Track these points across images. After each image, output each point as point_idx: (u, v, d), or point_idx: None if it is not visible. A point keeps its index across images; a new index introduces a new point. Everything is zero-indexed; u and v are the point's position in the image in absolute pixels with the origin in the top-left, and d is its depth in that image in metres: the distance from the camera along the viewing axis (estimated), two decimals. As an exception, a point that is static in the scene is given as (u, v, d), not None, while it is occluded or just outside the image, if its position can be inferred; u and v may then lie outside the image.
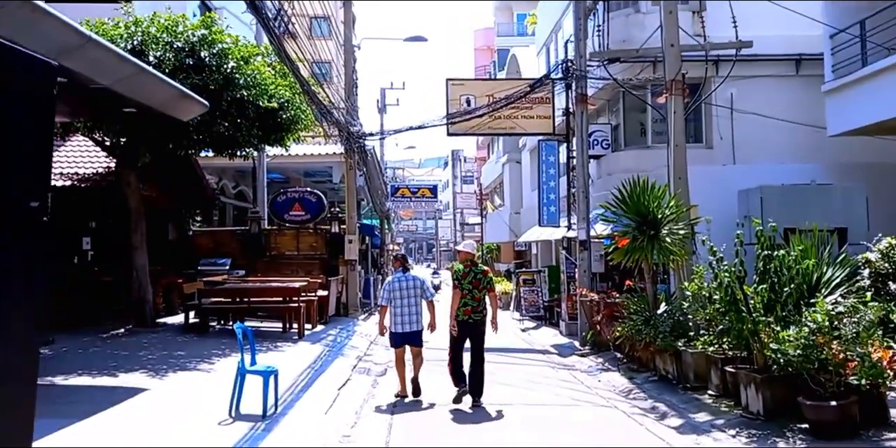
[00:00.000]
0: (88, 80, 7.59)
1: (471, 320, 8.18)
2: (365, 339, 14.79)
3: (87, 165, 14.99)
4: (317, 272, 18.69)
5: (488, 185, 42.90)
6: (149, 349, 11.12)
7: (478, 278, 8.26)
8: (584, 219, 14.14)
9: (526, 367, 11.44)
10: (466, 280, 8.21)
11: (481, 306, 8.25)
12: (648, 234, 9.78)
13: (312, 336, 13.66)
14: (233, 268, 18.87)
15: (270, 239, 19.48)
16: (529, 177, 27.09)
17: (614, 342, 11.71)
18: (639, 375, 10.02)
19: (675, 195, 10.10)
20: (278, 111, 13.51)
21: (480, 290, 8.23)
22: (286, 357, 10.91)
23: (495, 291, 8.65)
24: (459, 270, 8.37)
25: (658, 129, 15.75)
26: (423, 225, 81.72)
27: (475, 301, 8.19)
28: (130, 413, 7.09)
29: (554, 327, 17.95)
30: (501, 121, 16.69)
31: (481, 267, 8.57)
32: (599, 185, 15.91)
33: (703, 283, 8.06)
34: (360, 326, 16.89)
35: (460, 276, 8.28)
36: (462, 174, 65.57)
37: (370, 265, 27.86)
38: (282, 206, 19.58)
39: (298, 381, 9.05)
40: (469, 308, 8.17)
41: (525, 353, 13.42)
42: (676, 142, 10.54)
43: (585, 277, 14.13)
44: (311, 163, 23.62)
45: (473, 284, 8.20)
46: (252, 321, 15.08)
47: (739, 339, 7.29)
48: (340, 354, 12.00)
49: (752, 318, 6.98)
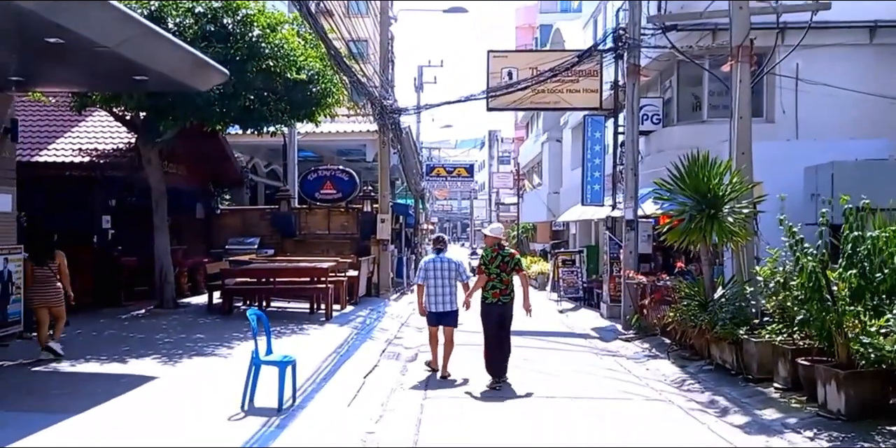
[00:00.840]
0: (89, 41, 6.90)
1: (500, 302, 8.17)
2: (395, 321, 14.10)
3: (107, 141, 14.41)
4: (348, 252, 18.09)
5: (526, 164, 41.86)
6: (167, 332, 10.55)
7: (505, 261, 8.21)
8: (633, 197, 13.18)
9: (567, 354, 10.62)
10: (494, 264, 8.17)
11: (510, 289, 8.23)
12: (708, 214, 8.82)
13: (341, 318, 13.00)
14: (261, 247, 18.34)
15: (300, 218, 18.89)
16: (570, 155, 26.07)
17: (663, 327, 10.83)
18: (691, 364, 9.14)
19: (737, 171, 9.11)
20: (307, 84, 12.74)
21: (508, 273, 8.20)
22: (310, 341, 10.26)
23: (524, 271, 8.58)
24: (487, 255, 8.30)
25: (715, 102, 14.65)
26: (457, 205, 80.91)
27: (503, 284, 8.17)
28: (132, 407, 6.44)
29: (593, 309, 17.08)
30: (545, 95, 15.70)
31: (508, 250, 8.54)
32: (649, 162, 14.89)
33: (776, 267, 7.12)
34: (391, 307, 16.21)
35: (487, 261, 8.23)
36: (499, 155, 64.75)
37: (403, 244, 27.21)
38: (312, 185, 18.94)
39: (321, 368, 8.35)
40: (497, 291, 8.15)
41: (565, 337, 12.58)
42: (741, 114, 9.52)
43: (631, 259, 13.20)
44: (344, 140, 22.91)
45: (501, 267, 8.16)
46: (279, 302, 14.53)
47: (822, 329, 6.35)
48: (369, 338, 11.31)
49: (838, 307, 6.05)
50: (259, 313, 6.76)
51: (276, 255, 17.51)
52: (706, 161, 9.16)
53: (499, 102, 15.87)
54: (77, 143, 14.17)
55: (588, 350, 11.06)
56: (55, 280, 8.54)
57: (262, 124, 13.02)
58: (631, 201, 13.22)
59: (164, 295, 13.05)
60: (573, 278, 18.51)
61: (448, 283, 8.48)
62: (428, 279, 8.48)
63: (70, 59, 7.81)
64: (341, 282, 14.19)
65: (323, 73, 13.09)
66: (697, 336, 8.96)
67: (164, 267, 13.06)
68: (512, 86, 15.18)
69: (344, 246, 18.65)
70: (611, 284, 14.82)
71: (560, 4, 44.87)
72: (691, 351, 9.47)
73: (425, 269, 8.59)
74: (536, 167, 38.16)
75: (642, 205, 13.46)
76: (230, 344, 9.63)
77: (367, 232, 18.43)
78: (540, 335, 12.65)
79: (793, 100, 13.57)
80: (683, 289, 9.65)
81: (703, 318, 8.64)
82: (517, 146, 52.37)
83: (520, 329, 13.64)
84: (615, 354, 10.55)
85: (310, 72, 12.75)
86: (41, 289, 8.49)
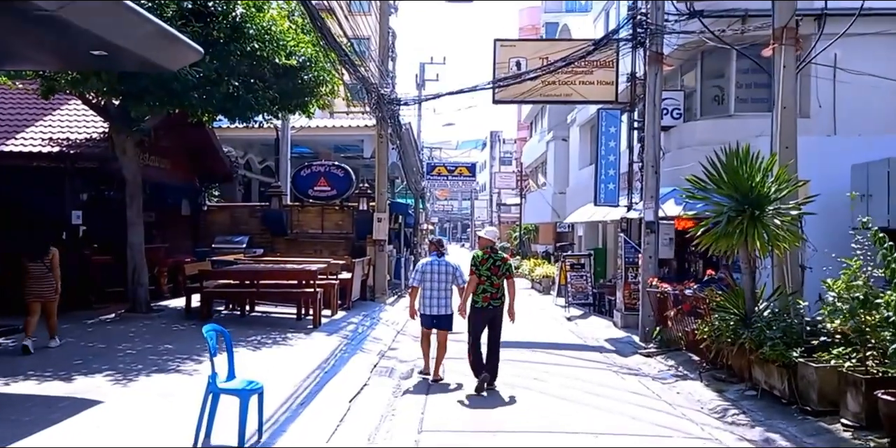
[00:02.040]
0: (24, 2, 5.72)
1: (490, 307, 8.04)
2: (390, 329, 12.93)
3: (80, 130, 13.23)
4: (342, 252, 16.97)
5: (529, 164, 40.67)
6: (132, 341, 9.38)
7: (496, 265, 8.09)
8: (653, 197, 12.00)
9: (583, 372, 9.43)
10: (485, 267, 8.06)
11: (500, 293, 8.09)
12: (750, 215, 7.65)
13: (330, 325, 11.83)
14: (250, 246, 17.21)
15: (292, 216, 17.74)
16: (578, 154, 24.90)
17: (690, 342, 9.68)
18: (729, 387, 7.95)
19: (784, 168, 7.93)
20: (298, 71, 11.61)
21: (499, 277, 8.08)
22: (293, 354, 9.08)
23: (513, 279, 8.38)
24: (478, 257, 8.17)
25: (742, 95, 13.46)
26: (458, 205, 79.80)
27: (494, 287, 8.05)
28: (59, 442, 5.24)
29: (604, 317, 15.92)
30: (556, 87, 14.50)
31: (501, 254, 8.41)
32: (669, 159, 13.72)
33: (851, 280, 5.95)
34: (387, 313, 15.04)
35: (479, 262, 8.10)
36: (500, 155, 63.79)
37: (402, 245, 26.08)
38: (305, 181, 17.77)
39: (300, 389, 7.17)
40: (488, 295, 8.03)
41: (578, 350, 11.38)
42: (785, 103, 8.36)
43: (651, 264, 12.01)
44: (341, 135, 21.74)
45: (492, 271, 8.05)
46: (265, 306, 13.35)
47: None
48: (360, 349, 10.14)
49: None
50: (219, 329, 5.59)
51: (265, 255, 16.37)
52: (748, 155, 7.97)
53: (506, 94, 14.66)
54: (48, 133, 13.02)
55: (606, 367, 9.87)
56: (49, 275, 8.88)
57: (248, 114, 11.78)
58: (651, 201, 12.04)
59: (136, 298, 11.88)
60: (582, 283, 17.34)
61: (445, 287, 8.39)
62: (424, 281, 8.40)
63: (9, 26, 6.63)
64: (332, 285, 13.03)
65: (315, 60, 11.94)
66: (737, 355, 7.78)
67: (136, 267, 11.89)
68: (519, 76, 13.98)
69: (338, 246, 17.52)
70: (625, 291, 13.66)
71: (566, 4, 43.75)
72: (727, 372, 8.28)
73: (422, 271, 8.48)
74: (541, 167, 36.99)
75: (663, 205, 12.30)
76: (200, 357, 8.43)
77: (363, 231, 17.28)
78: (549, 347, 11.49)
79: (829, 93, 12.38)
80: (718, 300, 8.46)
81: (745, 334, 7.46)
82: (519, 147, 51.29)
83: (527, 340, 12.60)
84: (638, 373, 9.35)
85: (301, 58, 11.64)
86: (36, 283, 8.79)
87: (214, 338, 5.45)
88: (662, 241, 12.16)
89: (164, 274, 14.63)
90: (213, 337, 5.44)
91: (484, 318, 8.04)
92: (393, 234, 24.27)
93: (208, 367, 7.75)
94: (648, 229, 12.07)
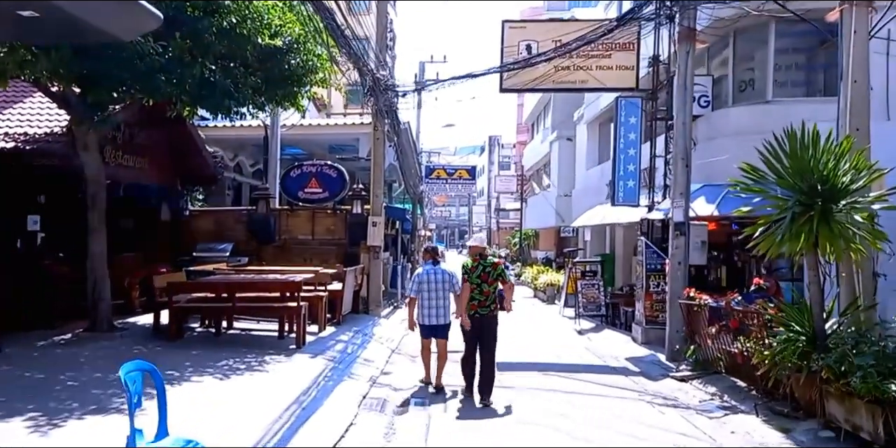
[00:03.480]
0: None
1: (477, 315, 7.90)
2: (384, 348, 11.50)
3: (41, 125, 11.80)
4: (333, 261, 15.53)
5: (530, 167, 39.29)
6: (80, 369, 7.94)
7: (486, 271, 7.97)
8: (683, 194, 10.59)
9: (612, 403, 7.99)
10: (475, 274, 7.97)
11: (489, 301, 7.93)
12: (821, 210, 6.23)
13: (316, 344, 10.41)
14: (235, 254, 15.75)
15: (281, 221, 16.29)
16: (586, 153, 23.50)
17: (732, 364, 8.28)
18: (795, 425, 6.54)
19: (860, 153, 6.53)
20: (285, 54, 10.20)
21: (490, 284, 7.94)
22: (268, 383, 7.64)
23: (509, 283, 8.40)
24: (467, 265, 8.12)
25: (782, 78, 12.05)
26: (455, 211, 78.48)
27: (483, 295, 7.91)
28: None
29: (620, 330, 14.53)
30: (570, 72, 13.10)
31: (490, 260, 8.27)
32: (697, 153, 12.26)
33: None
34: (381, 327, 13.61)
35: (469, 270, 8.02)
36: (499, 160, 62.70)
37: (399, 252, 24.69)
38: (295, 183, 16.33)
39: (269, 435, 5.72)
40: (475, 302, 7.91)
41: (600, 373, 9.91)
42: (855, 76, 7.03)
43: (680, 271, 10.59)
44: (335, 134, 20.32)
45: (482, 278, 7.94)
46: (246, 322, 11.94)
47: None
48: (347, 375, 8.70)
49: None
50: (146, 367, 4.19)
51: (250, 265, 14.95)
52: (816, 138, 6.56)
53: (515, 82, 13.26)
54: (3, 127, 11.59)
55: (637, 395, 8.40)
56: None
57: (227, 103, 10.24)
58: (681, 199, 10.63)
59: (96, 315, 10.42)
60: (594, 293, 15.91)
61: (442, 296, 8.30)
62: (422, 291, 8.32)
63: None
64: (319, 298, 11.59)
65: (304, 42, 10.53)
66: (805, 385, 6.38)
67: (97, 279, 10.44)
68: (529, 60, 12.55)
69: (329, 254, 16.06)
70: (647, 302, 12.24)
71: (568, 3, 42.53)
72: (791, 404, 6.86)
73: (419, 281, 8.38)
74: (543, 169, 35.61)
75: (692, 204, 10.89)
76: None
77: (356, 237, 15.83)
78: (566, 370, 10.04)
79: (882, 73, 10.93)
80: (777, 315, 7.04)
81: (818, 359, 6.05)
82: (519, 151, 50.14)
83: (538, 360, 11.16)
84: (676, 404, 7.89)
85: (287, 38, 10.25)
86: None
87: (140, 381, 4.04)
88: (693, 244, 10.73)
89: (135, 286, 13.17)
90: (138, 380, 4.03)
91: (475, 327, 7.86)
92: (389, 240, 22.90)
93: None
94: (678, 231, 10.66)
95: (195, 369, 8.13)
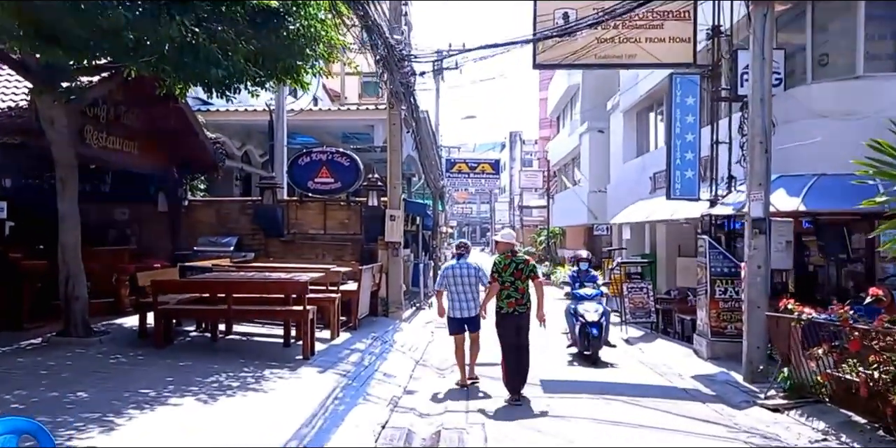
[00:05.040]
0: None
1: (516, 313, 7.81)
2: (407, 358, 9.93)
3: (4, 98, 10.24)
4: (349, 257, 13.97)
5: (557, 162, 37.46)
6: (34, 386, 6.38)
7: (519, 268, 7.86)
8: (763, 185, 8.87)
9: (696, 441, 6.31)
10: (507, 272, 7.83)
11: (525, 298, 7.86)
12: None
13: (327, 354, 8.84)
14: (240, 249, 14.24)
15: (289, 213, 14.70)
16: (622, 145, 21.75)
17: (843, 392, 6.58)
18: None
19: None
20: (282, 18, 8.48)
21: (524, 281, 7.85)
22: (265, 407, 6.06)
23: (540, 278, 8.15)
24: (500, 262, 7.92)
25: (875, 50, 10.27)
26: (477, 209, 76.85)
27: (519, 292, 7.81)
28: None
29: (674, 341, 12.89)
30: (614, 45, 11.38)
31: (522, 256, 8.21)
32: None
33: None
34: (403, 333, 12.03)
35: (500, 268, 7.86)
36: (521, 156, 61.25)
37: (420, 249, 23.12)
38: (304, 172, 14.71)
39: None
40: (513, 300, 7.80)
41: (670, 399, 8.10)
42: None
43: (760, 277, 8.85)
44: (348, 120, 18.72)
45: (515, 275, 7.83)
46: (249, 325, 10.39)
47: None
48: (363, 395, 7.12)
49: None
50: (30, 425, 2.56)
51: (256, 261, 13.44)
52: None
53: (550, 56, 11.54)
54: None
55: (726, 431, 6.63)
56: None
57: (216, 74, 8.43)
58: (760, 190, 8.90)
59: (70, 316, 8.85)
60: (643, 297, 14.17)
61: (470, 289, 8.30)
62: (449, 286, 8.32)
63: None
64: (331, 300, 10.02)
65: (305, 4, 8.82)
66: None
67: (70, 274, 8.89)
68: (570, 27, 10.84)
69: (344, 249, 14.47)
70: (712, 311, 10.52)
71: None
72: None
73: (445, 275, 8.41)
74: (570, 164, 33.83)
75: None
76: (122, 413, 5.46)
77: (373, 232, 14.23)
78: (625, 391, 8.33)
79: None
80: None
81: None
82: (541, 146, 48.39)
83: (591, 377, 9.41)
84: (782, 445, 6.19)
85: None
86: None
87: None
88: (776, 245, 9.00)
89: (124, 283, 11.63)
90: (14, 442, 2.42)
91: (512, 325, 7.79)
92: (410, 237, 21.34)
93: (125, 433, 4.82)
94: (756, 229, 8.91)
95: (177, 387, 6.57)
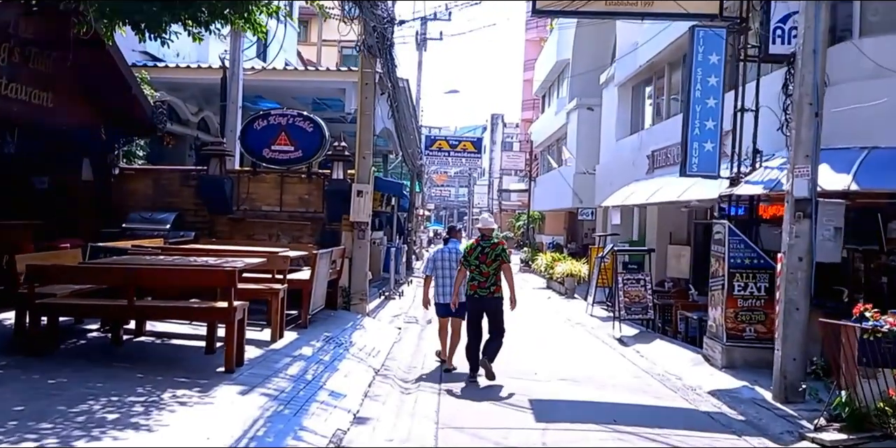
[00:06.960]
0: None
1: (477, 295, 7.86)
2: (365, 367, 8.04)
3: None
4: (308, 239, 12.07)
5: (540, 143, 35.59)
6: None
7: (485, 252, 7.87)
8: (810, 157, 7.08)
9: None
10: (472, 255, 7.90)
11: (489, 282, 7.84)
12: None
13: (260, 364, 6.92)
14: (179, 228, 12.21)
15: (240, 186, 12.67)
16: (615, 122, 19.89)
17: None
18: None
19: None
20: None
21: (489, 265, 7.83)
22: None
23: (509, 264, 8.10)
24: (468, 246, 8.07)
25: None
26: (455, 192, 74.95)
27: (482, 276, 7.84)
28: None
29: (676, 342, 11.16)
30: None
31: (491, 240, 8.12)
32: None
33: None
34: (365, 331, 10.16)
35: (467, 252, 7.98)
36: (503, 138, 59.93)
37: (395, 232, 21.24)
38: (259, 137, 12.68)
39: None
40: (475, 283, 7.86)
41: (694, 431, 6.28)
42: None
43: (802, 272, 7.07)
44: (315, 81, 16.57)
45: (480, 259, 7.85)
46: (167, 324, 8.40)
47: None
48: (293, 431, 5.21)
49: None
50: None
51: (196, 242, 11.48)
52: None
53: (552, 2, 9.65)
54: None
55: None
56: None
57: (141, 4, 6.59)
58: (806, 164, 7.10)
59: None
60: (640, 291, 12.38)
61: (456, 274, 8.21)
62: (437, 269, 8.42)
63: None
64: (274, 292, 8.08)
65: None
66: None
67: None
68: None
69: (303, 230, 12.53)
70: (730, 310, 8.77)
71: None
72: None
73: (433, 259, 8.57)
74: (556, 144, 31.95)
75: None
76: None
77: (336, 210, 12.26)
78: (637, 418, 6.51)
79: None
80: None
81: None
82: (524, 128, 46.58)
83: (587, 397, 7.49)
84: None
85: None
86: None
87: None
88: (823, 233, 7.21)
89: (21, 267, 9.57)
90: None
91: (476, 308, 7.92)
92: (384, 218, 19.47)
93: None
94: (800, 212, 7.12)
95: (21, 424, 4.58)
